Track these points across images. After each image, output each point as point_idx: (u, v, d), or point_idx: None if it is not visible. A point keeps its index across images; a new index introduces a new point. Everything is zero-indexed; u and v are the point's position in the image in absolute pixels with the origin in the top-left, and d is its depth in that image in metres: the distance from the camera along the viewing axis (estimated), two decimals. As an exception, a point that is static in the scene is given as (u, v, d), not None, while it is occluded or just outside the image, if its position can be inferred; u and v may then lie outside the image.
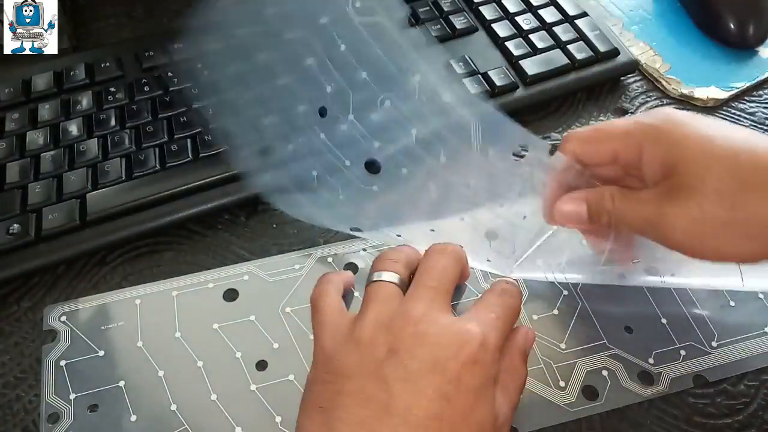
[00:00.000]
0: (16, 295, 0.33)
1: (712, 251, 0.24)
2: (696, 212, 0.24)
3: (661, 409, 0.29)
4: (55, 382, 0.29)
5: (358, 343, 0.24)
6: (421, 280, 0.26)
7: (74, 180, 0.34)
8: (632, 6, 0.47)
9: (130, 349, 0.30)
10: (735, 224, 0.23)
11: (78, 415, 0.28)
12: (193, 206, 0.34)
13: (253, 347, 0.30)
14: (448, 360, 0.23)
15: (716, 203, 0.23)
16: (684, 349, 0.30)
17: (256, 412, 0.28)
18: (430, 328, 0.24)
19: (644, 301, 0.32)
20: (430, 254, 0.27)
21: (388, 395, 0.23)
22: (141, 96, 0.38)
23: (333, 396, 0.23)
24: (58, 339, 0.30)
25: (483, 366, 0.24)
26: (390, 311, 0.25)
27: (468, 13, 0.43)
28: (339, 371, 0.24)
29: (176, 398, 0.29)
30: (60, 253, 0.32)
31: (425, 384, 0.23)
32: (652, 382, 0.29)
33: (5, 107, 0.38)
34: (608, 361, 0.30)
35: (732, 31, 0.43)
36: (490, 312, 0.26)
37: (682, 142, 0.25)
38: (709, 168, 0.24)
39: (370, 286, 0.27)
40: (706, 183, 0.24)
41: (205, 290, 0.32)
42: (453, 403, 0.23)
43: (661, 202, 0.25)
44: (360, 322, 0.25)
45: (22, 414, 0.29)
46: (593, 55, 0.40)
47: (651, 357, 0.30)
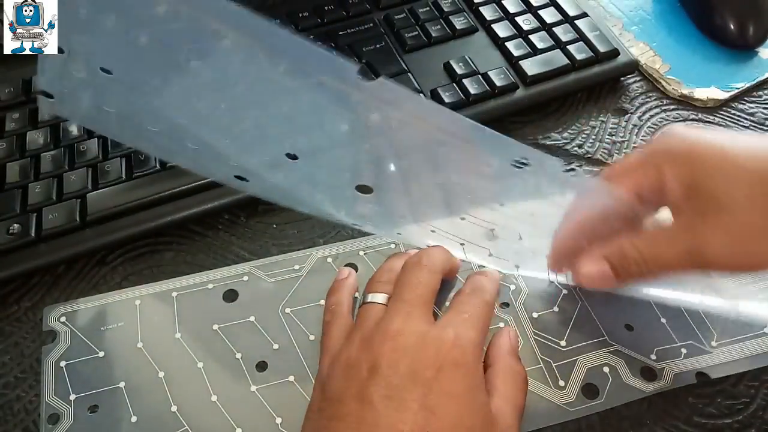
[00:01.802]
0: (16, 295, 0.33)
1: (758, 261, 0.24)
2: (733, 225, 0.23)
3: (661, 408, 0.29)
4: (55, 383, 0.29)
5: (345, 365, 0.25)
6: (398, 295, 0.26)
7: (74, 180, 0.34)
8: (632, 6, 0.47)
9: (130, 349, 0.30)
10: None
11: (78, 415, 0.28)
12: (193, 206, 0.34)
13: (253, 348, 0.30)
14: (426, 369, 0.23)
15: (751, 212, 0.23)
16: (685, 347, 0.30)
17: (256, 413, 0.28)
18: (408, 340, 0.24)
19: (643, 301, 0.32)
20: (406, 269, 0.28)
21: (374, 414, 0.23)
22: (141, 96, 0.38)
23: (327, 423, 0.24)
24: (57, 340, 0.30)
25: (464, 367, 0.24)
26: (370, 331, 0.25)
27: (468, 14, 0.43)
28: (331, 396, 0.24)
29: (176, 399, 0.29)
30: (60, 253, 0.32)
31: (408, 397, 0.23)
32: (655, 378, 0.29)
33: (5, 107, 0.38)
34: (610, 357, 0.30)
35: (732, 31, 0.43)
36: (461, 313, 0.26)
37: (703, 158, 0.24)
38: (735, 178, 0.23)
39: (361, 309, 0.27)
40: (735, 194, 0.23)
41: (204, 291, 0.32)
42: (438, 414, 0.23)
43: (695, 228, 0.24)
44: (347, 347, 0.25)
45: (23, 414, 0.29)
46: (593, 56, 0.40)
47: (653, 353, 0.30)
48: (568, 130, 0.40)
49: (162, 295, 0.32)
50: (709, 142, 0.24)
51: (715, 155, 0.24)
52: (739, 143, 0.24)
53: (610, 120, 0.41)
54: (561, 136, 0.40)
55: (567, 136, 0.40)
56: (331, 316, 0.28)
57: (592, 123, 0.40)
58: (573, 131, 0.40)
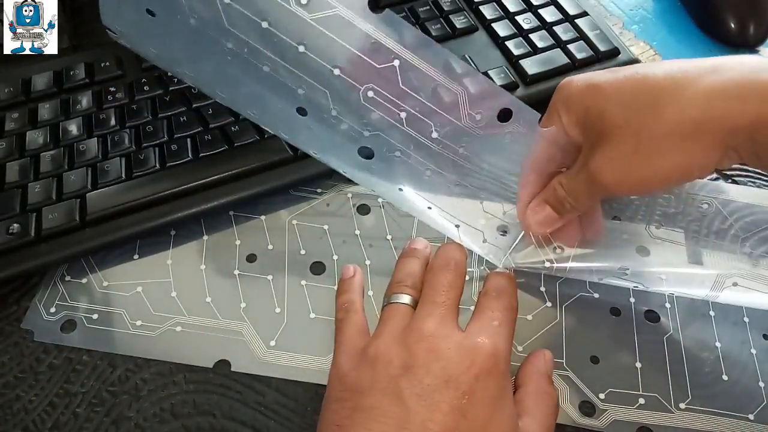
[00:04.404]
0: (16, 295, 0.33)
1: (639, 179, 0.25)
2: (613, 152, 0.25)
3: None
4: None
5: (374, 360, 0.24)
6: (429, 297, 0.26)
7: (74, 180, 0.34)
8: (632, 5, 0.47)
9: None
10: (644, 148, 0.25)
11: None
12: (193, 206, 0.34)
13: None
14: (460, 374, 0.23)
15: (626, 137, 0.25)
16: (645, 398, 0.29)
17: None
18: (442, 344, 0.24)
19: (627, 338, 0.31)
20: (436, 270, 0.28)
21: (403, 410, 0.23)
22: (141, 95, 0.38)
23: (350, 413, 0.23)
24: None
25: (496, 376, 0.24)
26: (403, 329, 0.25)
27: (468, 13, 0.43)
28: (355, 388, 0.24)
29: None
30: (60, 253, 0.32)
31: (440, 399, 0.23)
32: (592, 415, 0.29)
33: (5, 107, 0.38)
34: (557, 380, 0.29)
35: (732, 30, 0.43)
36: (492, 320, 0.26)
37: (582, 97, 0.27)
38: (608, 108, 0.25)
39: (386, 309, 0.27)
40: (609, 122, 0.25)
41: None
42: (468, 417, 0.23)
43: (587, 161, 0.26)
44: (375, 341, 0.25)
45: (23, 414, 0.29)
46: (593, 55, 0.40)
47: (604, 393, 0.29)
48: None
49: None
50: (587, 83, 0.27)
51: (592, 94, 0.26)
52: (611, 78, 0.26)
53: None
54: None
55: (567, 136, 0.40)
56: (345, 313, 0.28)
57: (592, 122, 0.40)
58: (573, 130, 0.40)
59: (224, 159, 0.35)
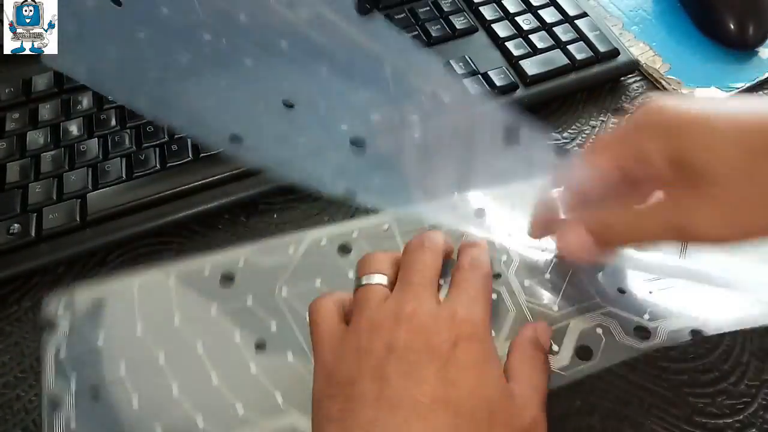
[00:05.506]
0: (16, 295, 0.33)
1: (743, 231, 0.23)
2: (721, 198, 0.23)
3: (662, 408, 0.29)
4: (55, 372, 0.29)
5: (357, 350, 0.25)
6: (404, 279, 0.27)
7: (74, 180, 0.34)
8: (632, 6, 0.47)
9: (130, 336, 0.30)
10: (759, 195, 0.22)
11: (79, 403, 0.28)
12: (193, 206, 0.34)
13: (251, 330, 0.30)
14: (441, 344, 0.24)
15: (737, 183, 0.22)
16: (677, 308, 0.30)
17: (257, 392, 0.28)
18: (422, 319, 0.25)
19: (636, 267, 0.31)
20: (409, 251, 0.28)
21: (393, 390, 0.23)
22: (141, 96, 0.38)
23: (342, 406, 0.24)
24: (56, 329, 0.30)
25: (476, 341, 0.25)
26: (380, 314, 0.25)
27: (468, 14, 0.43)
28: (344, 381, 0.24)
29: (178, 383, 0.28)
30: (60, 253, 0.32)
31: (426, 372, 0.23)
32: (649, 336, 0.29)
33: (5, 107, 0.38)
34: (602, 319, 0.30)
35: (732, 31, 0.43)
36: (466, 290, 0.26)
37: (686, 130, 0.23)
38: (721, 150, 0.22)
39: (359, 291, 0.27)
40: (721, 166, 0.22)
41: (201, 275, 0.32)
42: (456, 384, 0.23)
43: (680, 200, 0.24)
44: (355, 330, 0.25)
45: (22, 414, 0.29)
46: (593, 56, 0.40)
47: (646, 313, 0.30)
48: (568, 129, 0.40)
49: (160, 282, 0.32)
50: (692, 113, 0.24)
51: (699, 127, 0.23)
52: (722, 112, 0.24)
53: (610, 120, 0.41)
54: (561, 135, 0.40)
55: (567, 136, 0.40)
56: (316, 307, 0.28)
57: (592, 123, 0.40)
58: (573, 131, 0.40)
59: (225, 159, 0.35)
